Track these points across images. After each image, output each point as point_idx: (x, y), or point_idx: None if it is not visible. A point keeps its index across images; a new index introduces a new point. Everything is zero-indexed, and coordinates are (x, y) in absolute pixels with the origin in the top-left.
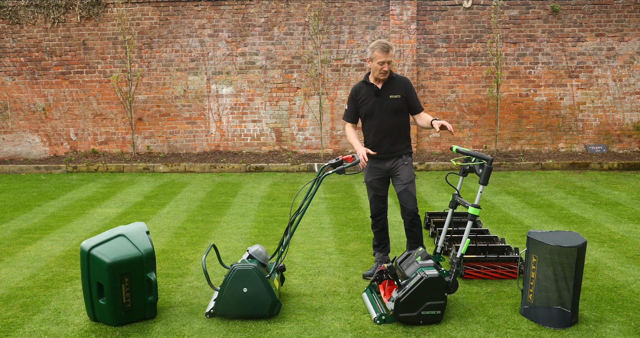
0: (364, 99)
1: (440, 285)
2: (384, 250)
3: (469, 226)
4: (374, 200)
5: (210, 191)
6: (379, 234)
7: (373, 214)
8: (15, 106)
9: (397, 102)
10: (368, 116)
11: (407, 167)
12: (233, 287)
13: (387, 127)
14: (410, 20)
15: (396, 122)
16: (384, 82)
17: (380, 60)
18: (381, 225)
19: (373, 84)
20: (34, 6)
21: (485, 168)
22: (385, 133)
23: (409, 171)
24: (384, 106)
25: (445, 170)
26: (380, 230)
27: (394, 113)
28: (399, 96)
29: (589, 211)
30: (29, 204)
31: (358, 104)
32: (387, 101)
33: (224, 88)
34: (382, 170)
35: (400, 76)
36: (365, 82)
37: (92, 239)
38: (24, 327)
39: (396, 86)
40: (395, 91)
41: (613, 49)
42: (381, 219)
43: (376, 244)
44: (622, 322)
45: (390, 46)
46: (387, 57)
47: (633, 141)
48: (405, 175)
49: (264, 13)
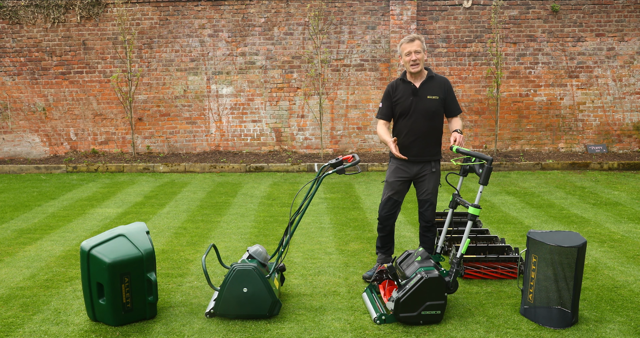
0: (400, 97)
1: (440, 285)
2: (388, 252)
3: (469, 226)
4: (387, 203)
5: (210, 191)
6: (385, 238)
7: (382, 218)
8: (15, 106)
9: (435, 103)
10: (402, 115)
11: (435, 176)
12: (233, 287)
13: (421, 129)
14: (410, 20)
15: (431, 125)
16: (422, 80)
17: (406, 50)
18: (388, 230)
19: (411, 82)
20: (34, 6)
21: (485, 168)
22: (417, 135)
23: (435, 180)
24: (420, 106)
25: (445, 170)
26: (386, 235)
27: (430, 115)
28: (437, 98)
29: (589, 211)
30: (29, 204)
31: (394, 102)
32: (424, 101)
33: (224, 88)
34: (407, 173)
35: (440, 75)
36: (402, 79)
37: (92, 239)
38: (24, 327)
39: (435, 86)
40: (434, 92)
41: (613, 49)
42: (389, 225)
43: (380, 246)
44: (622, 322)
45: (416, 37)
46: (412, 46)
47: (633, 141)
48: (432, 185)
49: (264, 13)
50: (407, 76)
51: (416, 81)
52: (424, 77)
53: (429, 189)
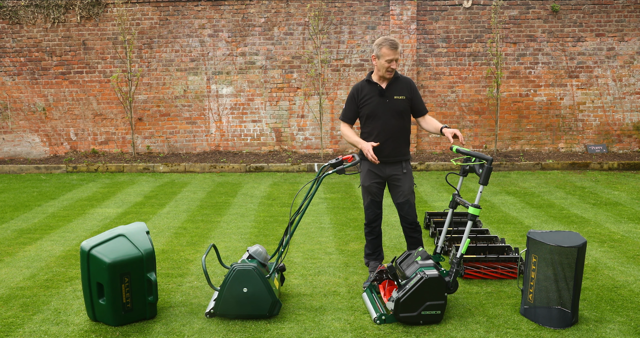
0: (367, 99)
1: (440, 285)
2: (378, 258)
3: (469, 226)
4: (370, 206)
5: (210, 191)
6: (374, 241)
7: (369, 220)
8: (15, 106)
9: (402, 103)
10: (370, 117)
11: (408, 176)
12: (233, 287)
13: (391, 129)
14: (410, 20)
15: (400, 125)
16: (388, 82)
17: (388, 57)
18: (377, 232)
19: (377, 84)
20: (34, 6)
21: (485, 168)
22: (388, 135)
23: (409, 180)
24: (389, 106)
25: (445, 170)
26: (375, 238)
27: (399, 115)
28: (404, 97)
29: (589, 211)
30: (29, 204)
31: (360, 103)
32: (391, 101)
33: (224, 88)
34: (381, 175)
35: (404, 76)
36: (368, 81)
37: (92, 239)
38: (24, 327)
39: (401, 86)
40: (400, 92)
41: (613, 49)
42: (377, 226)
43: (370, 252)
44: (622, 322)
45: (397, 43)
46: (395, 54)
47: (633, 141)
48: (407, 186)
49: (264, 13)
50: (374, 78)
51: (382, 82)
52: (389, 79)
53: (405, 190)
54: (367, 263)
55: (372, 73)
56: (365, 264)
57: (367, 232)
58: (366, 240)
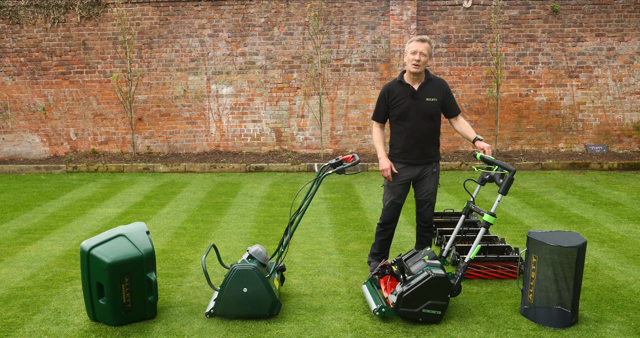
0: (398, 100)
1: (445, 285)
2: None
3: (482, 233)
4: (390, 207)
5: (210, 191)
6: (384, 243)
7: (385, 221)
8: (15, 106)
9: (434, 105)
10: (401, 118)
11: (435, 176)
12: (233, 287)
13: (421, 131)
14: (410, 20)
15: (430, 127)
16: (420, 83)
17: (413, 49)
18: (389, 234)
19: (409, 85)
20: (34, 6)
21: (507, 178)
22: (418, 138)
23: (436, 180)
24: (420, 108)
25: (445, 170)
26: (386, 239)
27: (430, 117)
28: (436, 100)
29: (589, 211)
30: (29, 204)
31: (391, 104)
32: (423, 103)
33: (224, 88)
34: (409, 175)
35: (437, 77)
36: (400, 82)
37: (92, 239)
38: (24, 327)
39: (433, 88)
40: (432, 94)
41: (613, 49)
42: (391, 228)
43: (377, 252)
44: (622, 322)
45: (428, 40)
46: (421, 47)
47: (633, 141)
48: (432, 185)
49: (264, 13)
50: (405, 78)
51: (414, 84)
52: (422, 80)
53: (430, 190)
54: (369, 262)
55: (404, 73)
56: (368, 262)
57: (379, 232)
58: (376, 239)
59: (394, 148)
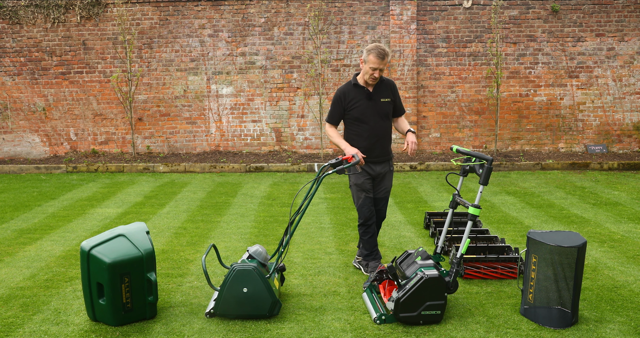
0: (355, 102)
1: (440, 285)
2: (377, 257)
3: (469, 226)
4: (365, 203)
5: (210, 191)
6: (370, 241)
7: (365, 218)
8: (15, 106)
9: (388, 105)
10: (359, 119)
11: (391, 174)
12: (233, 287)
13: (381, 130)
14: (410, 20)
15: (387, 126)
16: (374, 85)
17: (373, 65)
18: (373, 230)
19: (364, 87)
20: (34, 6)
21: (485, 168)
22: (378, 137)
23: (392, 178)
24: (376, 109)
25: (445, 170)
26: (371, 236)
27: (385, 117)
28: (389, 100)
29: (589, 211)
30: (29, 204)
31: (347, 107)
32: (378, 104)
33: (224, 88)
34: (372, 172)
35: (387, 78)
36: (355, 84)
37: (92, 239)
38: (24, 327)
39: (386, 88)
40: (386, 94)
41: (613, 49)
42: (373, 223)
43: (368, 253)
44: (622, 322)
45: (387, 53)
46: (382, 64)
47: (633, 141)
48: (390, 183)
49: (264, 13)
50: (359, 81)
51: (369, 86)
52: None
53: (388, 187)
54: (366, 265)
55: (357, 75)
56: (365, 265)
57: (362, 232)
58: (362, 240)
59: None
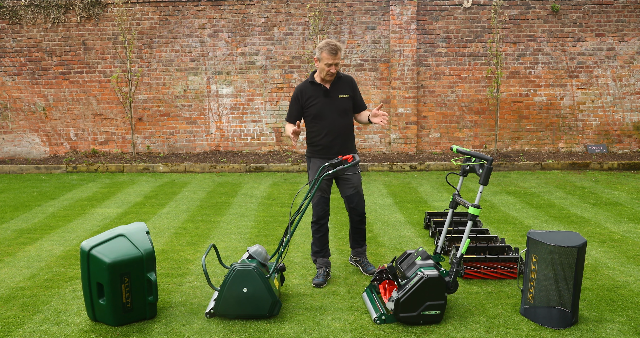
0: (312, 100)
1: (440, 285)
2: (326, 254)
3: (469, 226)
4: (319, 202)
5: (210, 191)
6: (322, 239)
7: (318, 217)
8: (15, 106)
9: (346, 102)
10: (317, 117)
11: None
12: (233, 287)
13: (339, 127)
14: (410, 20)
15: (346, 123)
16: (331, 81)
17: (328, 61)
18: (324, 229)
19: (320, 84)
20: (34, 6)
21: (485, 168)
22: (336, 134)
23: (358, 174)
24: (334, 106)
25: (445, 170)
26: (323, 235)
27: (344, 113)
28: (348, 96)
29: (589, 211)
30: (29, 204)
31: (305, 105)
32: (336, 101)
33: (224, 88)
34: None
35: (345, 74)
36: (312, 82)
37: (92, 239)
38: (24, 327)
39: (343, 85)
40: (344, 91)
41: (613, 49)
42: (325, 223)
43: (318, 250)
44: (622, 322)
45: (339, 48)
46: (335, 59)
47: (633, 141)
48: (357, 178)
49: (264, 13)
50: (317, 78)
51: (326, 82)
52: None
53: (355, 183)
54: (314, 261)
55: (314, 73)
56: (313, 261)
57: (315, 230)
58: (314, 237)
59: (314, 146)
